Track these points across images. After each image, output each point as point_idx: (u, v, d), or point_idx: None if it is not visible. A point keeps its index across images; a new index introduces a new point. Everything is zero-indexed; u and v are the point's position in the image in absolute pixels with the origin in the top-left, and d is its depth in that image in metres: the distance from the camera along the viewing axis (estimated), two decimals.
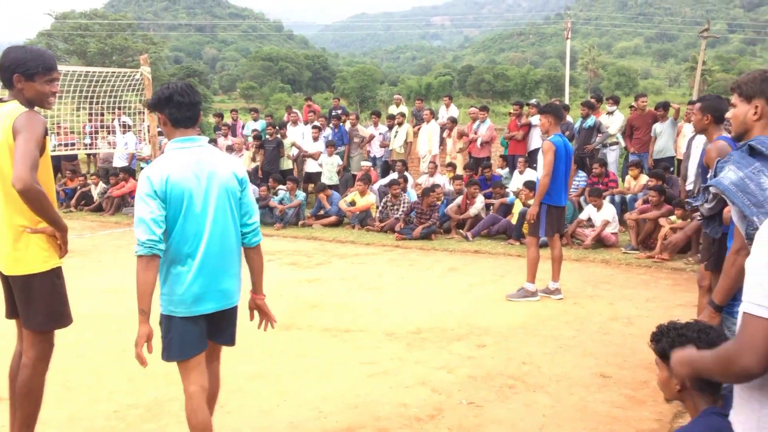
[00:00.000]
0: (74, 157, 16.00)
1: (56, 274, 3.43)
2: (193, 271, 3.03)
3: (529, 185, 10.15)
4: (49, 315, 3.42)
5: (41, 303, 3.35)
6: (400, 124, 13.45)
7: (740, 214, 2.56)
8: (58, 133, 14.93)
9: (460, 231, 10.37)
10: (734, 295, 2.80)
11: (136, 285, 2.99)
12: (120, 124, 14.83)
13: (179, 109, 3.07)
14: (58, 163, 16.14)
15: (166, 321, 3.11)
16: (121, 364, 4.96)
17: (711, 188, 2.73)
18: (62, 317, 3.50)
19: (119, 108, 14.40)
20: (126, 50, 62.68)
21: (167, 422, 4.00)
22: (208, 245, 3.05)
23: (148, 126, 12.70)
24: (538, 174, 6.78)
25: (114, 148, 14.80)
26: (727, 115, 2.85)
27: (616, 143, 11.84)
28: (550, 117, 6.70)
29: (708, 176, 3.01)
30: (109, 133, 14.80)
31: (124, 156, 15.00)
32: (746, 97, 2.69)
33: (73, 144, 14.22)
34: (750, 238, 2.51)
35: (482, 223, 10.27)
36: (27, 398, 3.40)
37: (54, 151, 14.43)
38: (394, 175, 12.38)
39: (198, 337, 3.13)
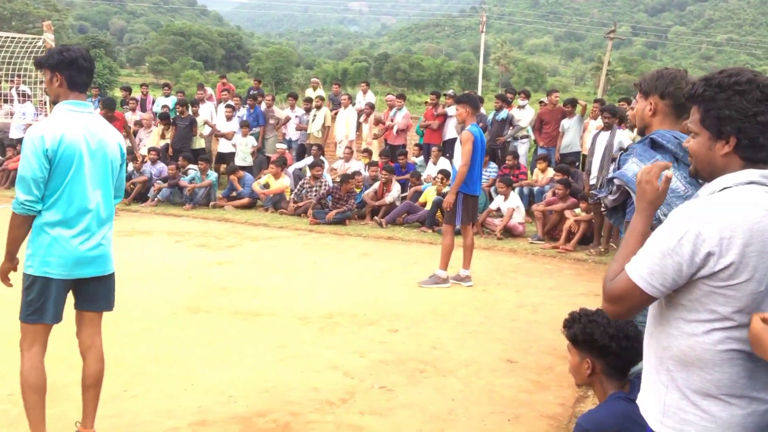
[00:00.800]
0: None
1: None
2: (77, 235, 3.04)
3: (445, 173, 10.32)
4: None
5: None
6: (318, 107, 13.30)
7: None
8: None
9: (375, 218, 10.40)
10: None
11: (7, 238, 3.02)
12: (19, 94, 13.93)
13: (80, 73, 3.09)
14: None
15: (42, 282, 3.05)
16: (11, 348, 4.67)
17: (615, 180, 2.81)
18: None
19: (18, 76, 13.51)
20: (27, 16, 59.20)
21: (66, 407, 3.80)
22: (93, 211, 3.09)
23: (48, 98, 11.99)
24: (455, 163, 6.86)
25: (11, 118, 13.90)
26: (629, 112, 3.00)
27: (527, 136, 12.20)
28: (467, 107, 6.77)
29: (611, 168, 3.13)
30: (5, 102, 13.87)
31: (21, 127, 14.12)
32: (644, 94, 2.81)
33: None
34: (652, 228, 2.62)
35: (397, 211, 10.34)
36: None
37: None
38: (309, 159, 12.26)
39: (65, 302, 3.16)
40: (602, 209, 3.24)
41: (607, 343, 2.52)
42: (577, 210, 9.08)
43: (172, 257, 7.84)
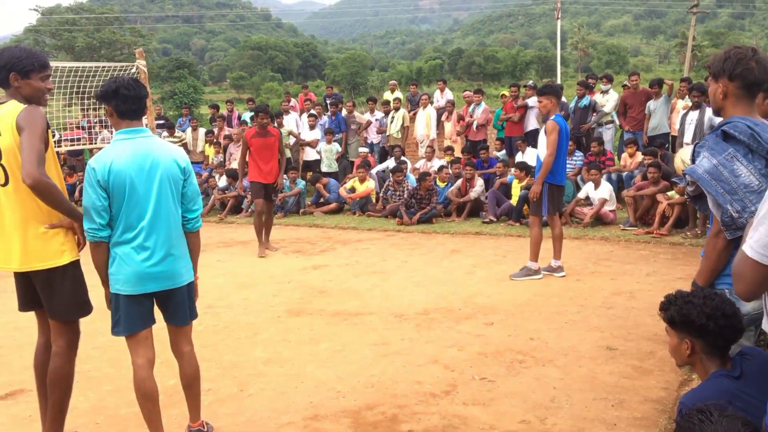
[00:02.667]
0: (80, 153, 15.99)
1: (75, 265, 3.54)
2: (137, 254, 3.25)
3: (521, 166, 10.30)
4: (72, 305, 3.53)
5: (65, 294, 3.47)
6: (396, 109, 13.52)
7: (715, 201, 2.59)
8: (66, 128, 14.99)
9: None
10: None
11: (93, 264, 3.32)
12: None
13: (125, 101, 3.27)
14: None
15: (114, 299, 3.33)
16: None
17: (686, 177, 2.74)
18: (85, 306, 3.61)
19: None
20: (114, 44, 62.32)
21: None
22: (151, 229, 3.27)
23: (146, 121, 12.73)
24: (539, 154, 6.86)
25: (109, 143, 14.81)
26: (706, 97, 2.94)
27: (611, 122, 11.96)
28: (551, 98, 6.74)
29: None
30: (104, 128, 14.80)
31: None
32: (713, 77, 2.73)
33: (78, 139, 14.22)
34: (725, 224, 2.55)
35: (493, 205, 10.36)
36: (58, 386, 3.52)
37: (60, 146, 14.49)
38: (391, 161, 12.47)
39: (144, 314, 3.35)
40: (685, 196, 3.19)
41: (704, 322, 2.52)
42: (670, 193, 8.86)
43: (270, 264, 8.20)
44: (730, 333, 2.53)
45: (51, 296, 3.48)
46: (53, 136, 12.27)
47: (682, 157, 6.04)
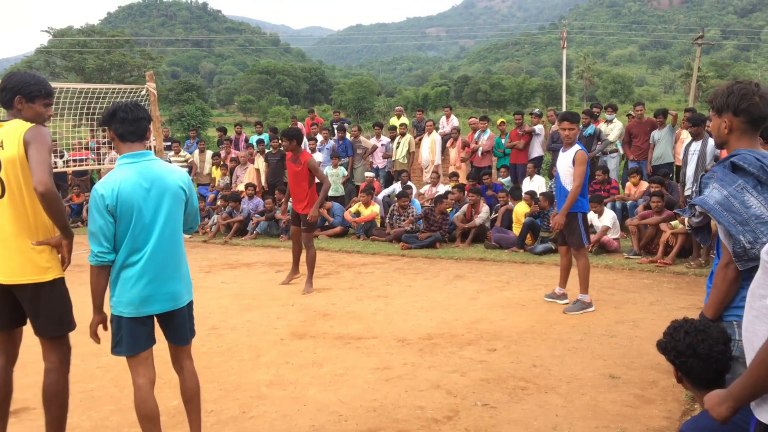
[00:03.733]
0: (85, 173, 16.13)
1: (62, 282, 3.64)
2: (141, 276, 3.28)
3: (530, 194, 10.36)
4: (58, 321, 3.62)
5: (51, 310, 3.56)
6: (402, 134, 13.64)
7: (726, 232, 2.60)
8: (73, 148, 15.15)
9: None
10: None
11: (90, 287, 3.31)
12: None
13: (123, 124, 3.33)
14: (64, 178, 16.30)
15: (116, 320, 3.36)
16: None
17: (696, 207, 2.74)
18: (70, 322, 3.71)
19: None
20: (124, 66, 62.94)
21: (190, 429, 4.12)
22: (155, 252, 3.31)
23: (154, 143, 12.86)
24: (564, 181, 6.65)
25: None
26: (708, 126, 2.96)
27: (616, 150, 12.02)
28: (576, 125, 6.67)
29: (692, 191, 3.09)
30: (112, 149, 14.94)
31: None
32: (717, 111, 2.74)
33: (84, 159, 14.36)
34: (737, 255, 2.55)
35: (499, 237, 10.38)
36: (54, 401, 3.57)
37: (66, 166, 14.64)
38: (397, 185, 12.54)
39: (145, 335, 3.39)
40: (688, 228, 3.17)
41: (678, 360, 2.55)
42: (674, 222, 8.88)
43: (274, 287, 8.22)
44: (714, 366, 2.52)
45: (37, 312, 3.55)
46: (61, 156, 12.42)
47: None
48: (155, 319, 3.45)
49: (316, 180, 7.95)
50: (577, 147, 6.55)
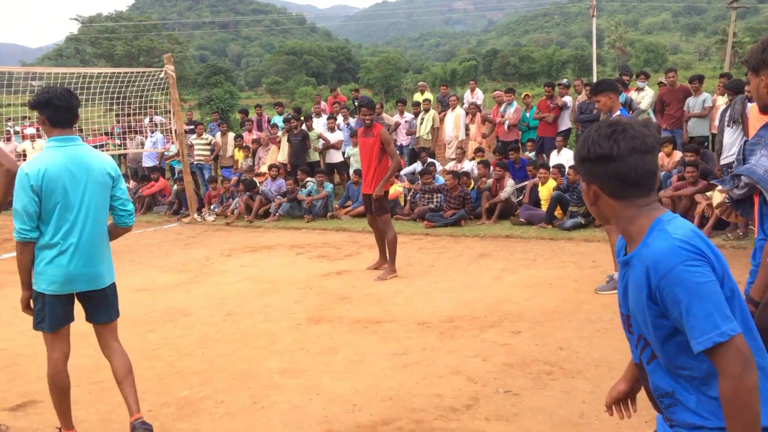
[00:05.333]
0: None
1: None
2: (65, 256, 3.42)
3: (558, 167, 10.02)
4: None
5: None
6: (426, 110, 13.31)
7: None
8: (92, 134, 15.18)
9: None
10: None
11: (17, 263, 3.47)
12: (152, 123, 14.92)
13: (56, 111, 3.45)
14: None
15: (41, 298, 3.48)
16: (152, 363, 4.97)
17: (743, 177, 2.47)
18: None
19: (151, 107, 14.50)
20: (152, 51, 63.31)
21: (199, 420, 3.97)
22: (80, 234, 3.45)
23: (174, 126, 12.76)
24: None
25: (142, 147, 14.91)
26: (746, 88, 2.63)
27: (648, 119, 11.55)
28: (608, 94, 6.14)
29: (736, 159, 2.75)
30: (137, 134, 14.91)
31: (154, 155, 15.12)
32: (754, 71, 2.47)
33: (103, 145, 14.34)
34: None
35: (528, 215, 10.06)
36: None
37: None
38: (417, 165, 12.24)
39: (66, 313, 3.54)
40: (727, 200, 2.84)
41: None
42: (710, 193, 8.46)
43: (294, 270, 8.06)
44: None
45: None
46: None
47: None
48: (75, 298, 3.59)
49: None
50: (617, 114, 6.13)
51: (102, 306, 3.65)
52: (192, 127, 14.63)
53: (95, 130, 14.56)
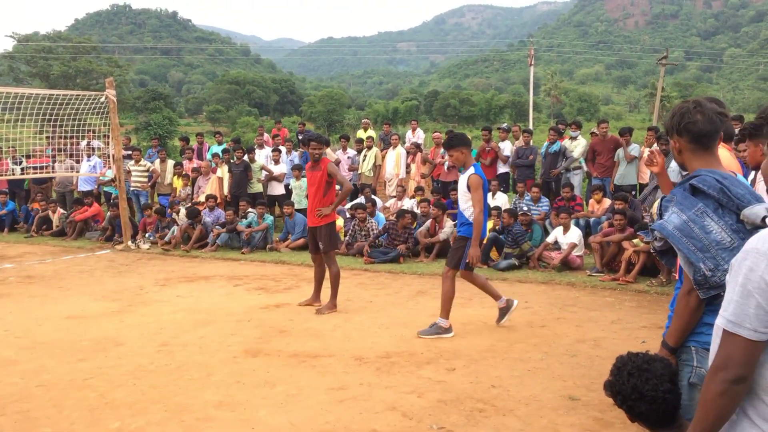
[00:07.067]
0: (45, 181, 15.66)
1: None
2: None
3: (496, 210, 10.34)
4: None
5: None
6: (369, 147, 13.53)
7: (686, 259, 2.48)
8: (32, 156, 14.74)
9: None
10: None
11: None
12: (89, 147, 14.59)
13: None
14: (21, 185, 15.84)
15: None
16: (82, 394, 4.84)
17: (656, 233, 2.62)
18: None
19: (90, 131, 14.21)
20: (90, 73, 62.04)
21: None
22: None
23: (112, 151, 12.54)
24: (462, 209, 6.29)
25: (76, 171, 14.53)
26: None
27: (579, 168, 12.06)
28: (462, 149, 6.21)
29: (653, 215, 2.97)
30: (69, 157, 14.54)
31: (91, 180, 14.76)
32: (668, 134, 2.69)
33: (44, 167, 13.95)
34: (698, 283, 2.44)
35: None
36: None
37: (24, 173, 14.23)
38: (360, 200, 12.40)
39: None
40: (652, 250, 3.05)
41: (623, 405, 2.48)
42: (636, 240, 8.89)
43: (232, 301, 7.99)
44: (663, 406, 2.41)
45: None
46: (19, 163, 12.15)
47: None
48: None
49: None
50: (471, 170, 6.19)
51: None
52: (129, 152, 14.39)
53: (38, 151, 14.22)
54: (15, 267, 10.61)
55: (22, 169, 14.45)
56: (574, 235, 9.68)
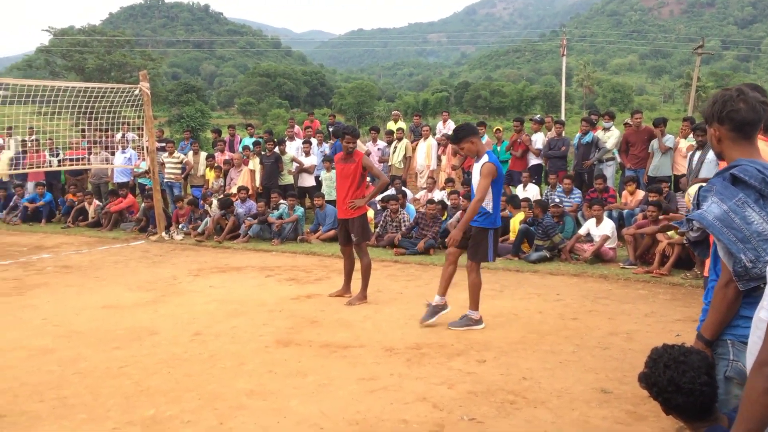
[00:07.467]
0: (80, 173, 15.97)
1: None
2: None
3: (527, 201, 10.26)
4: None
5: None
6: (399, 139, 13.51)
7: (726, 250, 2.43)
8: (69, 148, 15.03)
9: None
10: None
11: None
12: (124, 140, 14.83)
13: None
14: (58, 177, 16.17)
15: None
16: (118, 381, 4.94)
17: (694, 223, 2.58)
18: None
19: (125, 124, 14.43)
20: (124, 66, 62.87)
21: None
22: None
23: (146, 143, 12.72)
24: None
25: (111, 163, 14.77)
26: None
27: (612, 159, 11.89)
28: (470, 138, 6.11)
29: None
30: (105, 149, 14.78)
31: (127, 171, 14.99)
32: (707, 122, 2.63)
33: (79, 159, 14.21)
34: (738, 274, 2.38)
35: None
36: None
37: (61, 165, 14.54)
38: (391, 191, 12.40)
39: None
40: (685, 241, 2.99)
41: (659, 397, 2.44)
42: (671, 232, 8.74)
43: (263, 292, 8.07)
44: (700, 398, 2.37)
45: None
46: (56, 155, 12.45)
47: (691, 192, 5.83)
48: None
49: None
50: (485, 158, 6.10)
51: None
52: (162, 144, 14.58)
53: (74, 143, 14.52)
54: (52, 257, 10.85)
55: (59, 161, 14.74)
56: (607, 227, 9.56)
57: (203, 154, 14.85)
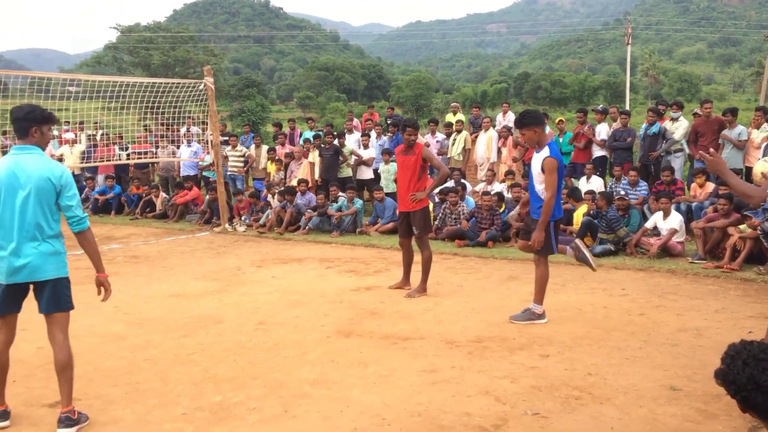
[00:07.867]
0: (146, 166, 16.50)
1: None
2: (8, 250, 3.88)
3: (590, 194, 10.06)
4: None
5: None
6: (458, 131, 13.42)
7: None
8: (136, 142, 15.54)
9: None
10: None
11: None
12: (189, 134, 15.22)
13: (14, 123, 4.03)
14: (126, 170, 16.71)
15: None
16: (186, 368, 5.08)
17: None
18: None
19: (189, 118, 14.81)
20: (188, 62, 64.29)
21: (233, 425, 4.06)
22: (16, 231, 3.88)
23: (210, 137, 13.00)
24: (538, 191, 6.08)
25: (178, 157, 15.17)
26: None
27: (681, 150, 11.51)
28: (533, 128, 5.95)
29: None
30: (171, 143, 15.19)
31: (193, 165, 15.38)
32: None
33: (145, 153, 14.66)
34: None
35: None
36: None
37: (128, 159, 15.05)
38: (450, 183, 12.34)
39: (12, 301, 4.00)
40: (759, 232, 2.86)
41: (738, 395, 2.34)
42: (742, 226, 8.41)
43: (324, 283, 8.16)
44: None
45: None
46: (125, 149, 12.85)
47: (763, 170, 5.55)
48: (31, 290, 4.03)
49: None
50: (546, 152, 5.93)
51: (44, 297, 3.99)
52: (226, 138, 14.89)
53: (141, 137, 15.00)
54: (122, 247, 11.23)
55: (128, 155, 15.24)
56: (675, 220, 9.27)
57: (265, 148, 15.10)
